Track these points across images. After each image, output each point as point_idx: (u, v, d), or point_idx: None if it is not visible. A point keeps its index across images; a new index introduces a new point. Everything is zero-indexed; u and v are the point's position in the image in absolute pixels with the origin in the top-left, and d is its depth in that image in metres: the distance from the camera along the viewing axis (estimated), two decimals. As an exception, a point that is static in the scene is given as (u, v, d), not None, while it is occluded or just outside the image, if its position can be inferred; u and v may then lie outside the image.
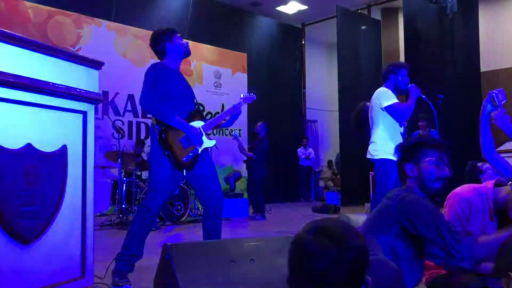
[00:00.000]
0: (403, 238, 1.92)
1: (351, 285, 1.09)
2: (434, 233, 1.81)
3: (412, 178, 2.06)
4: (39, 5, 7.00)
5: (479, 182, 3.30)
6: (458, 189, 2.39)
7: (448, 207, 2.35)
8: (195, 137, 3.10)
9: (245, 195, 8.16)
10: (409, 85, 3.97)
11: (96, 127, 8.11)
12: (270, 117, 10.34)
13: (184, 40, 3.29)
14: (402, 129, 4.05)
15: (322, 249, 1.08)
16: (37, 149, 1.94)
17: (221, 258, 1.92)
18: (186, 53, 3.27)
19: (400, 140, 3.88)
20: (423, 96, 3.98)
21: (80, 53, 7.19)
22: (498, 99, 2.69)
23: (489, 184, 2.34)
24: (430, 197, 2.04)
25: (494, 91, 2.70)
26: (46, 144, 1.99)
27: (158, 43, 3.22)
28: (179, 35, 3.25)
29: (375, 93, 4.07)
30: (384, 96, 3.93)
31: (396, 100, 3.90)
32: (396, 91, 3.99)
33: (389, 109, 3.88)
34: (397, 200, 1.93)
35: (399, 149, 2.15)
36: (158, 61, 3.29)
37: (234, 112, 3.33)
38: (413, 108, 3.90)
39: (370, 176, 7.22)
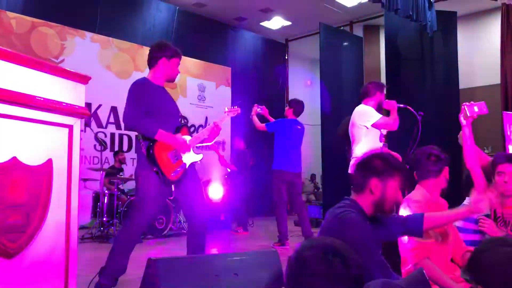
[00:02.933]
0: None
1: None
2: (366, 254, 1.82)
3: (370, 194, 2.05)
4: (22, 16, 6.97)
5: None
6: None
7: None
8: (183, 146, 3.11)
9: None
10: (384, 102, 4.10)
11: (79, 139, 7.88)
12: (253, 131, 10.40)
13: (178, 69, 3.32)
14: (381, 145, 4.15)
15: (329, 267, 1.11)
16: (23, 163, 1.94)
17: (205, 273, 1.94)
18: (171, 79, 3.30)
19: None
20: (401, 105, 4.11)
21: (64, 64, 7.22)
22: (470, 110, 2.82)
23: None
24: (376, 215, 2.09)
25: (466, 103, 2.85)
26: (32, 157, 1.99)
27: (158, 52, 3.24)
28: (179, 61, 3.28)
29: (355, 110, 4.17)
30: (367, 115, 4.05)
31: (380, 116, 4.01)
32: (376, 109, 4.11)
33: (377, 126, 3.99)
34: (336, 221, 1.97)
35: (369, 160, 2.13)
36: (142, 76, 3.32)
37: (215, 130, 3.35)
38: (397, 121, 4.02)
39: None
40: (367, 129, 4.03)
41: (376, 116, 4.01)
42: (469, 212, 2.20)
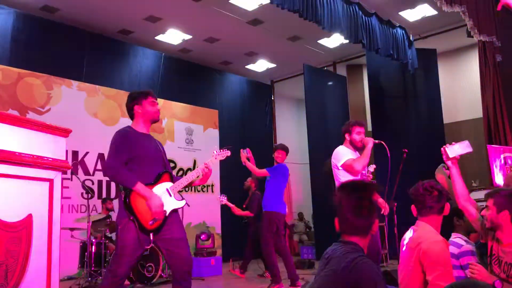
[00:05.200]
0: None
1: None
2: None
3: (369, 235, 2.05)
4: (9, 67, 7.03)
5: None
6: None
7: None
8: (155, 208, 3.05)
9: (219, 253, 8.03)
10: (362, 140, 4.15)
11: (65, 187, 7.92)
12: (242, 172, 10.39)
13: (156, 106, 3.33)
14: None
15: None
16: (1, 219, 1.92)
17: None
18: (153, 119, 3.32)
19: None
20: (376, 141, 4.16)
21: (50, 113, 7.25)
22: (452, 151, 2.87)
23: None
24: None
25: (446, 145, 2.90)
26: (11, 214, 1.97)
27: (129, 103, 3.30)
28: (153, 99, 3.30)
29: (333, 152, 4.23)
30: (338, 156, 4.14)
31: (348, 157, 4.05)
32: (354, 148, 4.17)
33: (343, 168, 4.05)
34: (349, 269, 1.90)
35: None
36: (129, 122, 3.34)
37: (203, 173, 3.35)
38: (367, 160, 4.07)
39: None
40: (341, 169, 4.10)
41: (344, 158, 4.08)
42: None
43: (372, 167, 5.02)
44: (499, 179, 7.50)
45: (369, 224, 2.03)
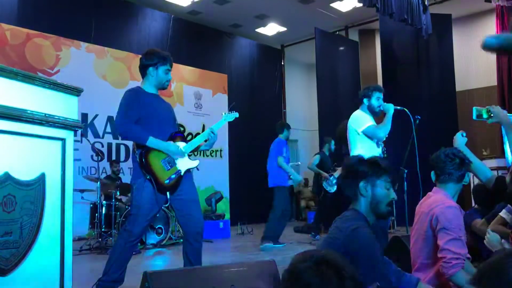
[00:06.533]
0: None
1: None
2: (369, 270, 1.92)
3: (364, 198, 2.10)
4: (17, 27, 6.96)
5: None
6: None
7: None
8: (174, 152, 3.08)
9: (227, 216, 8.11)
10: (381, 105, 4.08)
11: (75, 149, 8.02)
12: (251, 137, 10.39)
13: (168, 75, 3.28)
14: (380, 149, 4.12)
15: (323, 279, 1.08)
16: (15, 178, 1.92)
17: (201, 285, 1.91)
18: (162, 87, 3.29)
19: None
20: (398, 108, 4.09)
21: (59, 75, 7.21)
22: None
23: None
24: (377, 218, 2.13)
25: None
26: (24, 172, 1.97)
27: (145, 62, 3.24)
28: (167, 67, 3.25)
29: (351, 116, 4.15)
30: (358, 121, 4.04)
31: (369, 123, 3.98)
32: (372, 113, 4.09)
33: (365, 133, 3.98)
34: (346, 234, 1.97)
35: (355, 164, 2.17)
36: (136, 85, 3.31)
37: (211, 136, 3.34)
38: (389, 127, 3.99)
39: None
40: (358, 135, 4.03)
41: (365, 123, 4.00)
42: None
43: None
44: (510, 148, 7.43)
45: (353, 188, 2.15)
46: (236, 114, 3.57)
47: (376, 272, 1.94)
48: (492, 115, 2.86)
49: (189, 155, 3.25)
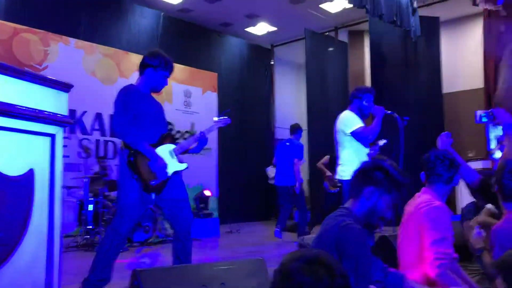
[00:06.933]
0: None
1: None
2: (352, 266, 1.87)
3: (364, 202, 2.08)
4: (4, 22, 6.87)
5: None
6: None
7: None
8: (159, 170, 3.06)
9: (215, 214, 8.11)
10: (372, 108, 4.10)
11: (63, 146, 7.86)
12: (240, 136, 10.39)
13: (166, 81, 3.28)
14: (368, 150, 4.15)
15: (314, 278, 1.09)
16: (3, 174, 1.90)
17: (191, 283, 1.91)
18: (154, 90, 3.30)
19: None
20: (388, 112, 4.11)
21: (48, 71, 7.12)
22: None
23: None
24: (363, 226, 2.07)
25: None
26: (12, 168, 1.95)
27: (147, 61, 3.24)
28: (166, 74, 3.26)
29: (339, 117, 4.17)
30: (347, 122, 4.06)
31: (359, 125, 4.00)
32: (361, 115, 4.11)
33: (353, 135, 3.99)
34: (336, 230, 1.95)
35: (377, 169, 2.12)
36: (127, 82, 3.30)
37: (202, 140, 3.34)
38: (378, 130, 4.01)
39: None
40: (347, 135, 4.05)
41: (355, 125, 4.02)
42: None
43: (382, 142, 4.95)
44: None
45: (361, 188, 2.12)
46: (229, 120, 3.56)
47: (361, 269, 1.91)
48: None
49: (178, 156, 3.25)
